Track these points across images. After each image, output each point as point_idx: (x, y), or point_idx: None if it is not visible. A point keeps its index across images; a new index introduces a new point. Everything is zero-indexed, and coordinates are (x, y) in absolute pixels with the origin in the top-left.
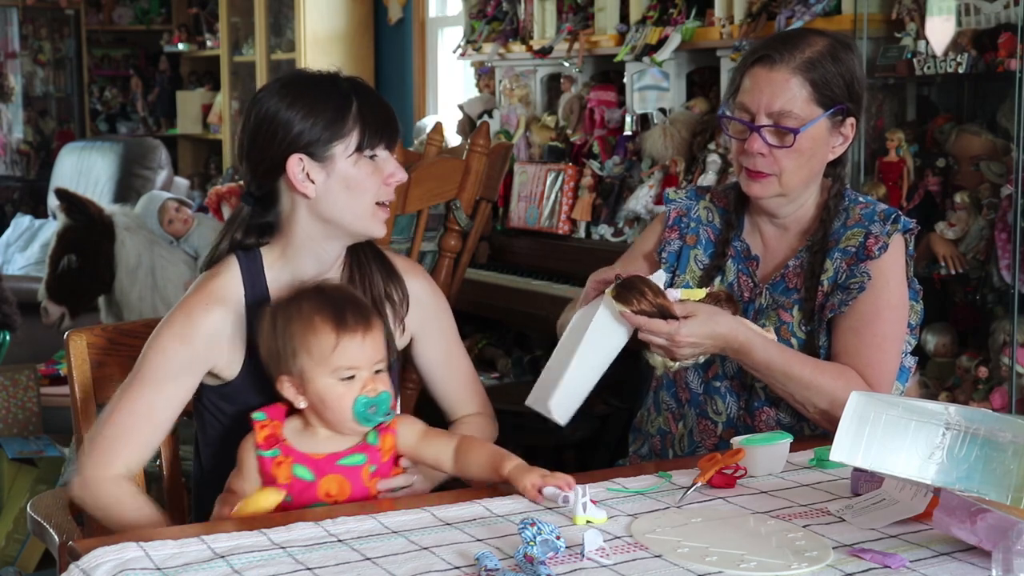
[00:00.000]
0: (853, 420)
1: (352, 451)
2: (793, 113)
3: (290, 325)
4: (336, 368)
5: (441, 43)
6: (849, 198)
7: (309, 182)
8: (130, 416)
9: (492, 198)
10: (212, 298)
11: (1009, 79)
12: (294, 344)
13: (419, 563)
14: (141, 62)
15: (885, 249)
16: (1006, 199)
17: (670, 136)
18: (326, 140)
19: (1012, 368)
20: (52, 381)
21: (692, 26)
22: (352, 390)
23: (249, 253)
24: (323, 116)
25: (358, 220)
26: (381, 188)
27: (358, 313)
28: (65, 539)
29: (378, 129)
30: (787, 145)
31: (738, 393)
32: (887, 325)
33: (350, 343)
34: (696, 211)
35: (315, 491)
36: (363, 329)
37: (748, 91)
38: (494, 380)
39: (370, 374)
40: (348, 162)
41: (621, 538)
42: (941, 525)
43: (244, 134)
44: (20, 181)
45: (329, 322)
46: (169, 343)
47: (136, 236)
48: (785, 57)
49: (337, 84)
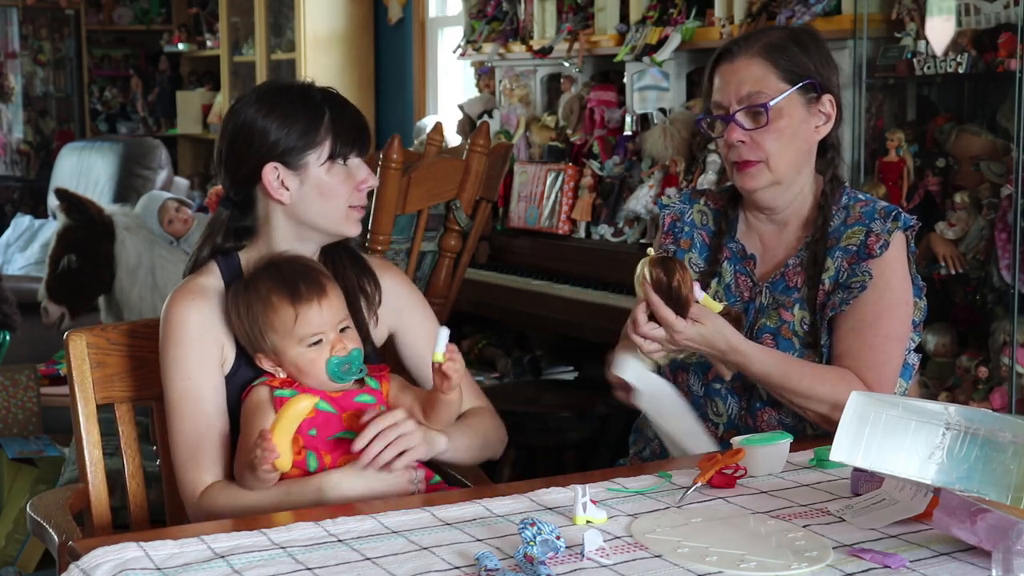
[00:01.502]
0: (853, 420)
1: (362, 391)
2: (761, 92)
3: (252, 308)
4: (302, 338)
5: (441, 43)
6: (849, 196)
7: (284, 189)
8: (190, 436)
9: (492, 198)
10: (191, 294)
11: (1009, 79)
12: (259, 324)
13: (419, 563)
14: (141, 62)
15: (886, 247)
16: (1006, 199)
17: (670, 136)
18: (300, 149)
19: (1012, 368)
20: (52, 381)
21: (692, 26)
22: (322, 353)
23: (228, 257)
24: (297, 126)
25: (332, 223)
26: (353, 193)
27: (310, 281)
28: (65, 539)
29: (350, 138)
30: (762, 125)
31: (739, 394)
32: (888, 325)
33: (308, 311)
34: (690, 215)
35: (340, 421)
36: (318, 296)
37: (718, 88)
38: (494, 380)
39: (336, 334)
40: (321, 170)
41: (621, 538)
42: (941, 525)
43: (222, 142)
44: (20, 181)
45: (285, 297)
46: (178, 351)
47: (136, 236)
48: (743, 47)
49: (311, 95)
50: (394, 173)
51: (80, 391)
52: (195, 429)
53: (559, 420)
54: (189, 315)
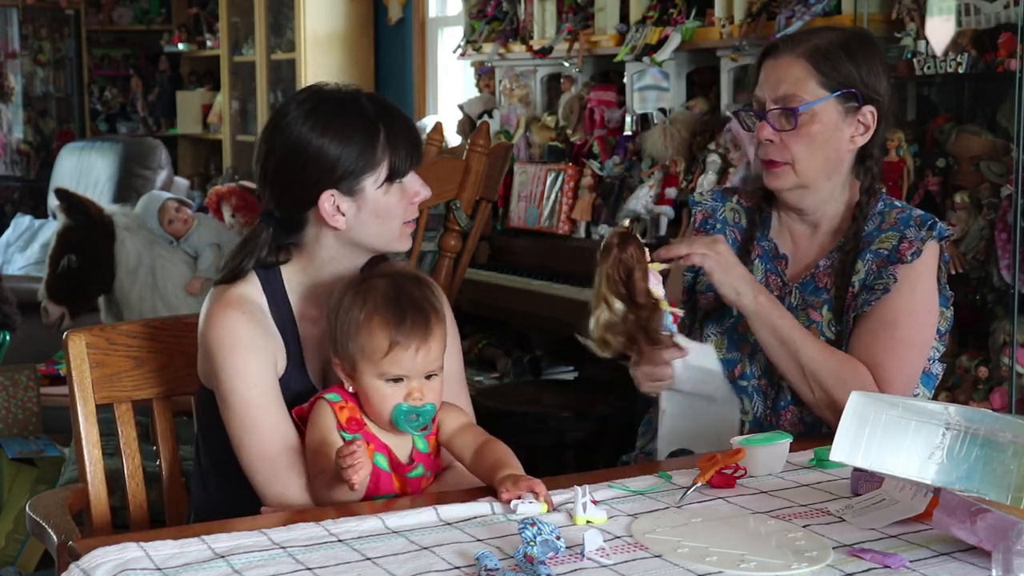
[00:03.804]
0: (853, 420)
1: (414, 465)
2: (796, 95)
3: (351, 315)
4: (383, 372)
5: (441, 43)
6: (885, 202)
7: (340, 215)
8: (267, 447)
9: (492, 198)
10: (235, 305)
11: (1009, 79)
12: (350, 333)
13: (419, 563)
14: (141, 62)
15: (918, 255)
16: (1006, 199)
17: (670, 136)
18: (356, 173)
19: (1012, 368)
20: (52, 381)
21: (692, 26)
22: (397, 394)
23: (269, 271)
24: (352, 148)
25: (387, 243)
26: (408, 208)
27: (418, 322)
28: (64, 539)
29: (407, 155)
30: (791, 128)
31: (765, 392)
32: (904, 330)
33: (403, 354)
34: (722, 212)
35: (391, 482)
36: (418, 340)
37: (759, 84)
38: (494, 380)
39: (419, 382)
40: (379, 192)
41: (621, 538)
42: (941, 525)
43: (270, 161)
44: (20, 181)
45: (387, 327)
46: (238, 360)
47: (136, 236)
48: (791, 45)
49: (362, 108)
50: None
51: (80, 391)
52: (270, 439)
53: (559, 420)
54: (240, 324)
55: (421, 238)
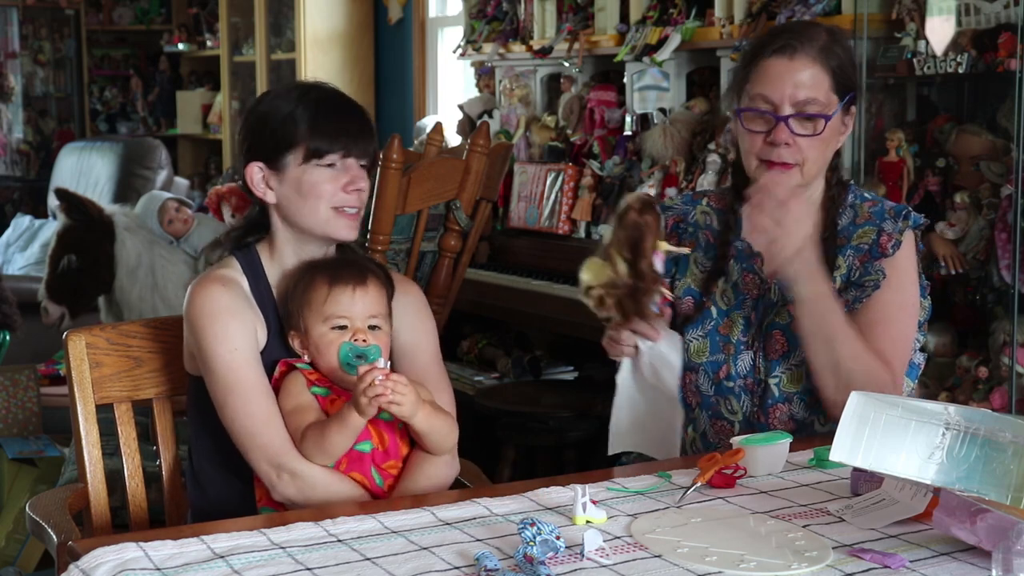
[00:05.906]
0: (853, 420)
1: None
2: (818, 101)
3: (298, 283)
4: (328, 316)
5: (441, 43)
6: (855, 195)
7: (268, 189)
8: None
9: (492, 198)
10: (215, 280)
11: (1009, 79)
12: (298, 300)
13: (419, 563)
14: (141, 62)
15: (899, 246)
16: (1006, 199)
17: (670, 136)
18: (279, 149)
19: (1012, 368)
20: (52, 381)
21: (692, 26)
22: (341, 337)
23: (247, 251)
24: (275, 126)
25: (318, 225)
26: (338, 194)
27: (353, 270)
28: (64, 539)
29: (332, 139)
30: (816, 133)
31: (751, 391)
32: (899, 324)
33: (341, 294)
34: (693, 216)
35: (368, 432)
36: (355, 283)
37: (769, 82)
38: (494, 380)
39: (362, 327)
40: (299, 171)
41: (621, 538)
42: (941, 525)
43: None
44: (20, 181)
45: (325, 276)
46: (217, 327)
47: (136, 236)
48: (805, 46)
49: (300, 94)
50: (394, 173)
51: (79, 391)
52: (253, 398)
53: (559, 420)
54: (220, 295)
55: (421, 238)
